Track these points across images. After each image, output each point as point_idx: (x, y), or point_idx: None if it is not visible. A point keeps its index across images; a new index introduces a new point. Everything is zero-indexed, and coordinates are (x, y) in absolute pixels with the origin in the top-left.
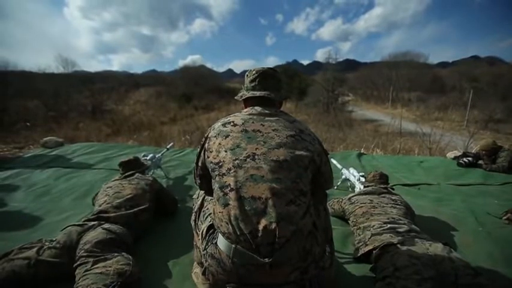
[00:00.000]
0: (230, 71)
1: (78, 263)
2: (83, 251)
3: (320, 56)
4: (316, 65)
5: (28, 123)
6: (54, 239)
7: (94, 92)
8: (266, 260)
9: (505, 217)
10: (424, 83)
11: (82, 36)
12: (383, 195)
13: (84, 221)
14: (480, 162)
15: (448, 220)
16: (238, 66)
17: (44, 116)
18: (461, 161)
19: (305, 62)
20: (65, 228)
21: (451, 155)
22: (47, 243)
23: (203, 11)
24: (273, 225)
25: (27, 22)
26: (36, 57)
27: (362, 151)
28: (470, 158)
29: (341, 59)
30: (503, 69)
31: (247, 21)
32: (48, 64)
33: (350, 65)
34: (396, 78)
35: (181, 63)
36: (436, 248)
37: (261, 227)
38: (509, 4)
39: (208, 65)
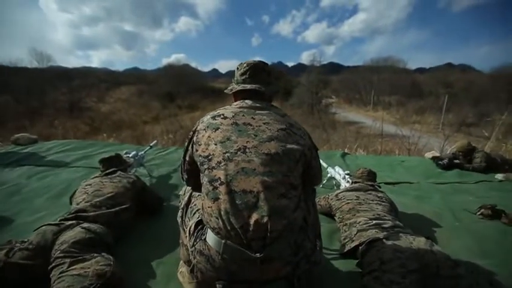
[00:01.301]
0: (215, 70)
1: (54, 264)
2: (59, 252)
3: (305, 58)
4: (301, 67)
5: None
6: (26, 240)
7: (72, 89)
8: (257, 255)
9: (479, 213)
10: (403, 87)
11: (59, 30)
12: (369, 192)
13: (60, 221)
14: (456, 161)
15: (429, 216)
16: (223, 66)
17: (14, 111)
18: (440, 162)
19: (290, 64)
20: (38, 228)
21: (428, 155)
22: (17, 245)
23: (189, 9)
24: (265, 219)
25: None
26: (8, 49)
27: (346, 151)
28: (447, 160)
29: (325, 62)
30: (475, 76)
31: (233, 21)
32: (20, 57)
33: (334, 68)
34: (377, 82)
35: (165, 61)
36: (419, 242)
37: (252, 221)
38: (482, 16)
39: (193, 64)
